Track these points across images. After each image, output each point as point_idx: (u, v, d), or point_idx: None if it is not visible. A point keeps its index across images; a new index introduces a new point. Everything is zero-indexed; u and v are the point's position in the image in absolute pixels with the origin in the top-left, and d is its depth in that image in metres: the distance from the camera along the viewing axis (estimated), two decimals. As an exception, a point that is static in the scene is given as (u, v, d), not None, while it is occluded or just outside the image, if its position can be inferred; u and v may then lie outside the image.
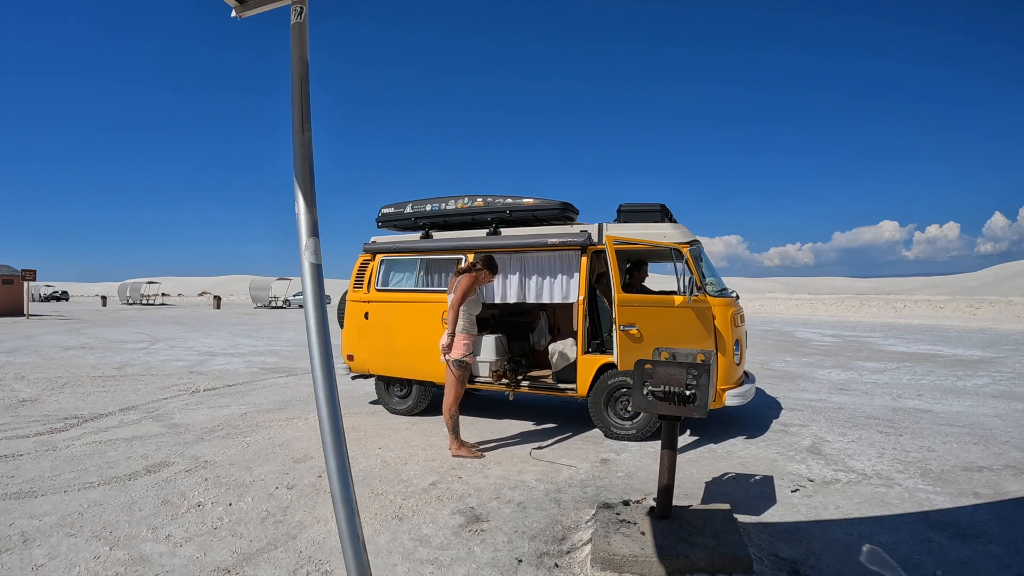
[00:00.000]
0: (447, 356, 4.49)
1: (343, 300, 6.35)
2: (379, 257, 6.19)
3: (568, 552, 2.91)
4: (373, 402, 6.66)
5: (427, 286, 6.00)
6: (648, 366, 3.00)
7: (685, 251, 4.97)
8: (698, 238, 5.34)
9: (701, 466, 4.36)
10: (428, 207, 6.00)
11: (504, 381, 4.75)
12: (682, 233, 5.10)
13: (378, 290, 6.08)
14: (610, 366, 5.14)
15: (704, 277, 5.06)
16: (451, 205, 5.90)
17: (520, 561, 2.82)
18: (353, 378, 6.37)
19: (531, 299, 5.62)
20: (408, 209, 6.08)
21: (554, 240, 5.33)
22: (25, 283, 27.11)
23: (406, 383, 6.10)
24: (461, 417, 5.97)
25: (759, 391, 7.27)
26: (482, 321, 6.79)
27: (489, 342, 5.81)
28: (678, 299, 4.96)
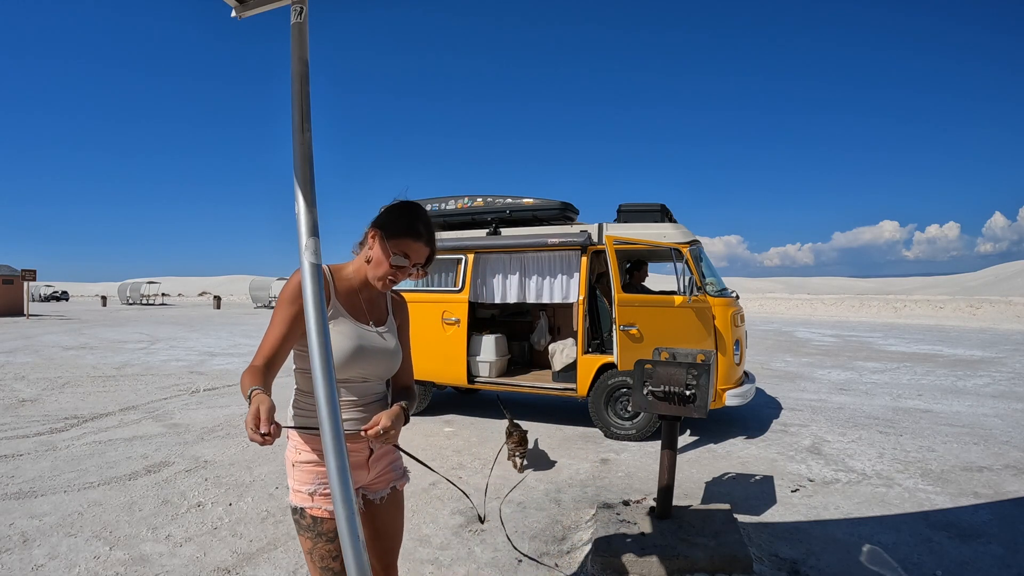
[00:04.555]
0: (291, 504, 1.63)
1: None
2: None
3: (568, 552, 2.91)
4: (373, 402, 6.66)
5: (427, 286, 6.00)
6: (648, 366, 3.00)
7: (685, 251, 4.97)
8: (698, 238, 5.34)
9: (701, 466, 4.36)
10: (428, 207, 6.00)
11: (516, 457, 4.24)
12: (682, 233, 5.10)
13: (378, 290, 6.09)
14: (610, 366, 5.14)
15: (704, 277, 5.06)
16: (451, 205, 5.90)
17: (520, 561, 2.82)
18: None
19: (531, 299, 5.62)
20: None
21: (554, 240, 5.33)
22: (25, 283, 27.11)
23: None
24: (461, 418, 5.98)
25: (759, 391, 7.27)
26: (482, 321, 6.79)
27: (489, 342, 5.82)
28: (678, 299, 4.96)
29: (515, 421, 4.39)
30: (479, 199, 5.78)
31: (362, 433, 1.44)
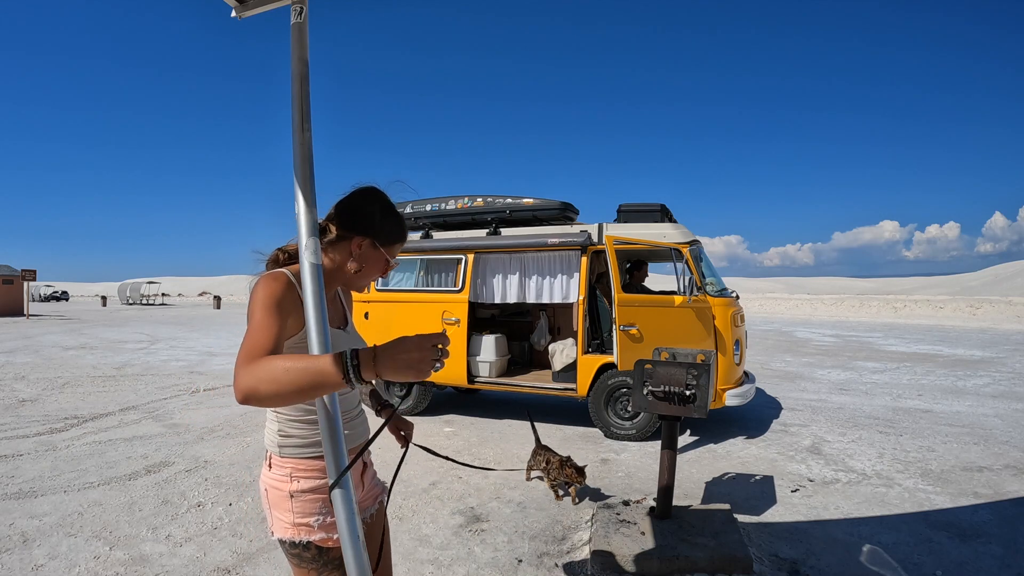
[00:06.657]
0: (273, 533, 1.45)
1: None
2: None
3: (568, 552, 2.91)
4: (373, 402, 6.66)
5: (427, 286, 6.00)
6: (648, 366, 3.00)
7: (685, 251, 4.97)
8: (698, 238, 5.35)
9: (701, 466, 4.36)
10: (428, 207, 6.01)
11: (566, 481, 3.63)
12: (682, 233, 5.10)
13: (378, 290, 6.09)
14: (610, 366, 5.14)
15: (704, 277, 5.06)
16: (451, 205, 5.90)
17: (520, 561, 2.82)
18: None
19: (531, 299, 5.62)
20: (408, 209, 6.09)
21: (554, 240, 5.33)
22: (25, 283, 27.10)
23: (406, 383, 6.10)
24: (461, 418, 5.98)
25: (759, 391, 7.27)
26: (482, 321, 6.79)
27: (489, 342, 5.82)
28: (678, 299, 4.96)
29: (544, 444, 3.86)
30: (479, 199, 5.78)
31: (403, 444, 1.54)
